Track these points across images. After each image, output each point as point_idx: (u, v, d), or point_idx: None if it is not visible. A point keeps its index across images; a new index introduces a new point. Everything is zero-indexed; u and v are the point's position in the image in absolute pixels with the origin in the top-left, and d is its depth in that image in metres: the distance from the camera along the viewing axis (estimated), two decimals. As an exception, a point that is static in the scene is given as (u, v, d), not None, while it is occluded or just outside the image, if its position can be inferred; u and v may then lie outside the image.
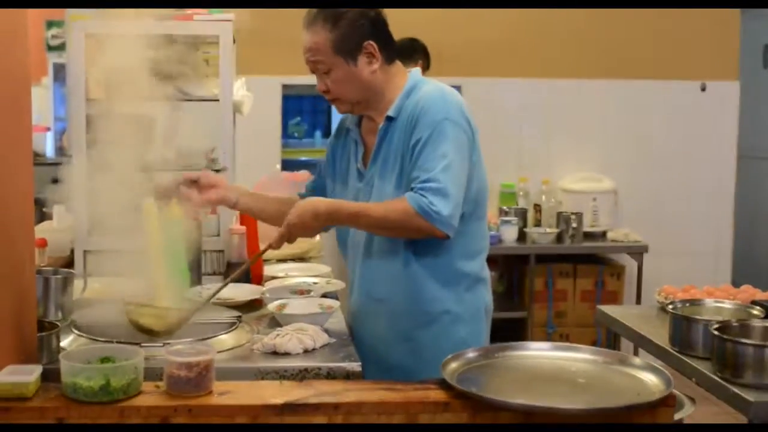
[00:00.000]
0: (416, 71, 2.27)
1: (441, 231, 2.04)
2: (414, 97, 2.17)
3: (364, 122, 2.29)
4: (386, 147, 2.18)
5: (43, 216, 3.32)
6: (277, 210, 2.36)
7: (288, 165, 5.06)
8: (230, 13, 2.89)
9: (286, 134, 6.27)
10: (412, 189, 2.06)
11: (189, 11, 2.90)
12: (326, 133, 7.43)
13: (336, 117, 7.01)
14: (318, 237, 3.13)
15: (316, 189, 2.42)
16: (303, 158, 6.73)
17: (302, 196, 2.43)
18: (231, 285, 2.58)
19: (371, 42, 2.15)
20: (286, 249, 2.81)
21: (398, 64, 2.25)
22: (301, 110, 7.05)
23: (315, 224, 2.13)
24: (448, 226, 2.05)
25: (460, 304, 2.18)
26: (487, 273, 2.27)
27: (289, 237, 2.15)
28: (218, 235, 2.76)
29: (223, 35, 2.74)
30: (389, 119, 2.18)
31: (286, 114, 5.91)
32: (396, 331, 2.19)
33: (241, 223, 2.73)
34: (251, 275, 2.65)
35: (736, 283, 4.50)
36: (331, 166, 2.37)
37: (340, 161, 2.34)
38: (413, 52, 4.22)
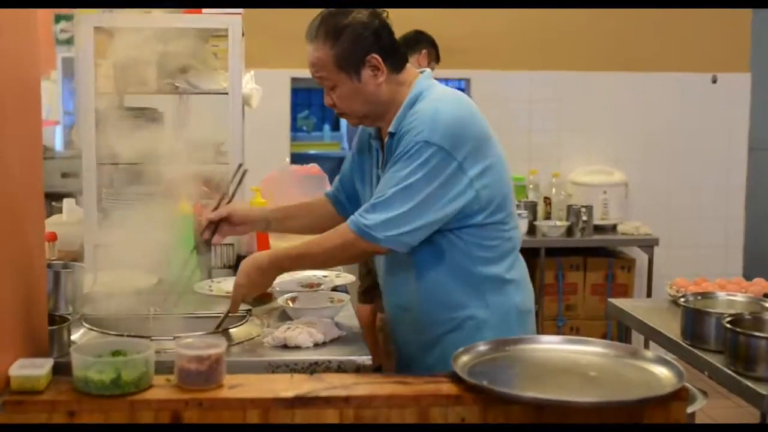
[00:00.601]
0: (425, 76, 2.19)
1: (384, 248, 2.02)
2: (414, 109, 2.09)
3: (381, 129, 2.22)
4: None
5: (52, 210, 3.33)
6: (308, 221, 2.41)
7: (297, 158, 5.06)
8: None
9: (294, 127, 6.27)
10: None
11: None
12: (335, 127, 7.42)
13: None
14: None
15: (345, 190, 2.39)
16: (312, 151, 6.74)
17: (328, 196, 2.45)
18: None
19: (374, 55, 2.08)
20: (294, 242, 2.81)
21: (408, 69, 2.17)
22: (309, 103, 7.05)
23: (263, 279, 2.14)
24: (391, 241, 2.01)
25: (486, 308, 2.12)
26: (517, 273, 2.19)
27: (243, 298, 2.16)
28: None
29: (232, 28, 2.74)
30: (391, 135, 2.12)
31: (295, 107, 5.90)
32: (425, 337, 2.16)
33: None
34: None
35: (747, 275, 4.48)
36: (359, 171, 2.33)
37: (369, 168, 2.29)
38: (417, 43, 4.20)
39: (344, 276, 2.68)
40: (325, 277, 2.63)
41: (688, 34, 5.24)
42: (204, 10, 2.82)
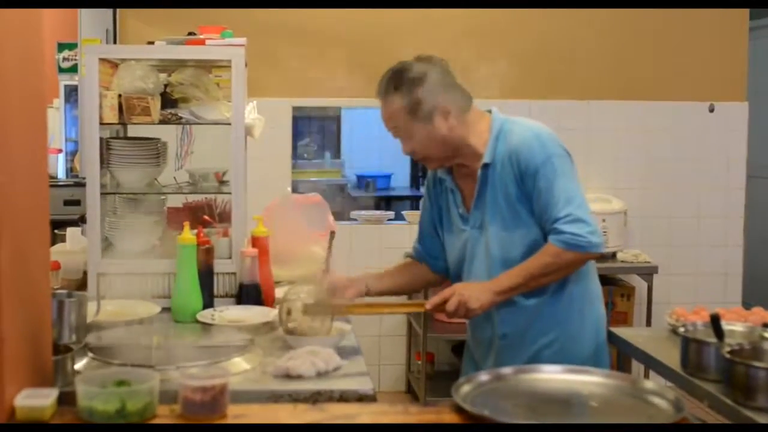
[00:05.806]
0: (496, 111, 2.39)
1: (591, 253, 2.27)
2: (505, 140, 2.30)
3: (455, 169, 2.41)
4: (490, 192, 2.32)
5: (55, 237, 3.34)
6: (406, 279, 2.56)
7: (298, 186, 5.09)
8: (242, 38, 2.91)
9: (295, 155, 6.30)
10: (549, 232, 2.25)
11: (202, 36, 2.93)
12: (335, 154, 7.45)
13: (346, 138, 7.01)
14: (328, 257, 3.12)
15: (427, 247, 2.54)
16: (313, 179, 6.77)
17: (415, 257, 2.58)
18: (242, 307, 2.60)
19: (443, 101, 2.27)
20: (296, 272, 2.83)
21: (474, 108, 2.36)
22: (310, 131, 7.09)
23: (486, 297, 2.27)
24: (595, 246, 2.26)
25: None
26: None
27: (453, 303, 2.25)
28: (230, 257, 2.77)
29: (235, 60, 2.76)
30: (486, 165, 2.31)
31: (296, 135, 5.94)
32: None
33: (253, 246, 2.74)
34: (263, 297, 2.66)
35: (746, 303, 4.49)
36: (439, 220, 2.50)
37: (445, 210, 2.47)
38: None
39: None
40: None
41: (685, 63, 5.28)
42: (207, 42, 2.85)
